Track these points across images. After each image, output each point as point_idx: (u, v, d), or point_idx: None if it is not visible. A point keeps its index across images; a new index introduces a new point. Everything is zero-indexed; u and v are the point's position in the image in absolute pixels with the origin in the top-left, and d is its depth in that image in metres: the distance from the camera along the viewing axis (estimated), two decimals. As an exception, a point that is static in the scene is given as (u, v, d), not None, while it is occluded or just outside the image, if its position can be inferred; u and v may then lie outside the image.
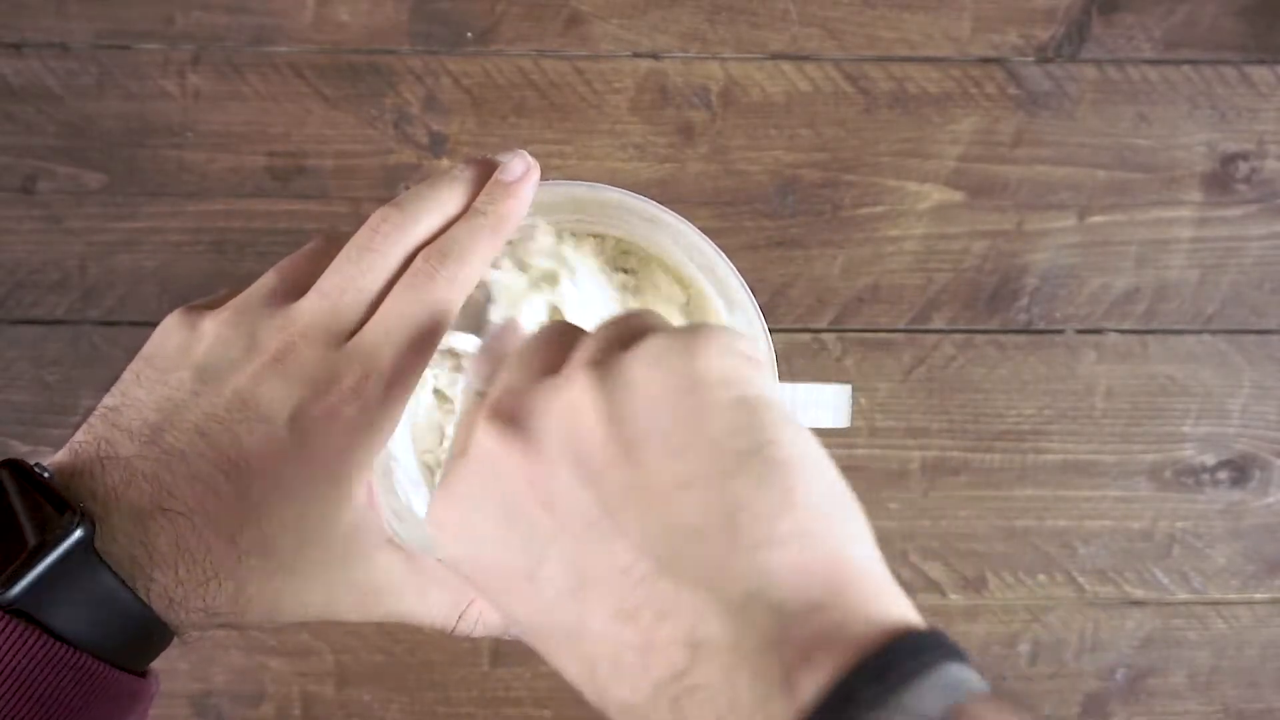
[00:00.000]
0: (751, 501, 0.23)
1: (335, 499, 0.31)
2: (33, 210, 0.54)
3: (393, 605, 0.33)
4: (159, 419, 0.30)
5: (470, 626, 0.34)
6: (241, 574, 0.30)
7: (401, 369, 0.31)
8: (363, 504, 0.32)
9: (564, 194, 0.42)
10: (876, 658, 0.20)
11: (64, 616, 0.27)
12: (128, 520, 0.28)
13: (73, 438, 0.30)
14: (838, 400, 0.41)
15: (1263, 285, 0.56)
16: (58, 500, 0.28)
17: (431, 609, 0.33)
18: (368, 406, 0.30)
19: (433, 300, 0.31)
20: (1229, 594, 0.56)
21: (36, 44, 0.55)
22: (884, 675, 0.20)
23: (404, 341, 0.31)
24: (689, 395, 0.24)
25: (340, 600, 0.32)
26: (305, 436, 0.30)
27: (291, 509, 0.30)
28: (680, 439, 0.24)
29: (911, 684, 0.20)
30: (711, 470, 0.23)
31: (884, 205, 0.56)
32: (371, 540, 0.32)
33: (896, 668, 0.20)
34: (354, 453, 0.31)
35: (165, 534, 0.29)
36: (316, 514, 0.30)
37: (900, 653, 0.20)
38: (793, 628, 0.21)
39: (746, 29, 0.56)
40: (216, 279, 0.54)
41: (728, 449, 0.24)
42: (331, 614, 0.33)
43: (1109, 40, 0.56)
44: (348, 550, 0.32)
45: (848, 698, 0.20)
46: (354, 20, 0.55)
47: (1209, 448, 0.56)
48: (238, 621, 0.31)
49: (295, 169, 0.55)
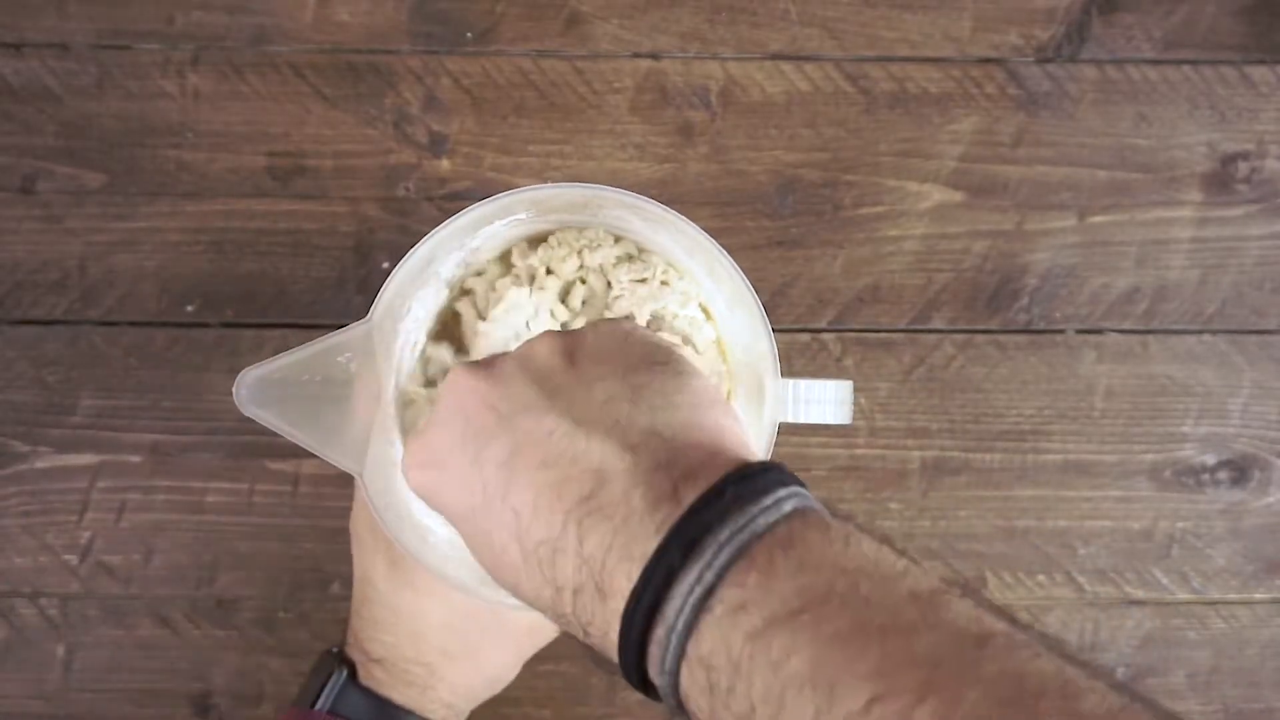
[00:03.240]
0: (653, 383, 0.30)
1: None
2: (32, 210, 0.54)
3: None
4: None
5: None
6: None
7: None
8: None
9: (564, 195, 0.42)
10: (743, 470, 0.26)
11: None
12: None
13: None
14: (840, 396, 0.41)
15: (1263, 285, 0.56)
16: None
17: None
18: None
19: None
20: (1229, 594, 0.55)
21: (36, 44, 0.55)
22: (746, 480, 0.26)
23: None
24: (622, 337, 0.32)
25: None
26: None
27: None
28: (607, 352, 0.31)
29: (769, 488, 0.26)
30: (627, 368, 0.31)
31: (884, 205, 0.56)
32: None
33: (757, 478, 0.26)
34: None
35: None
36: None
37: (760, 470, 0.27)
38: (680, 456, 0.27)
39: (746, 29, 0.56)
40: (216, 279, 0.54)
41: (642, 360, 0.31)
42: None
43: (1109, 40, 0.56)
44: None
45: (720, 493, 0.26)
46: (354, 20, 0.55)
47: (1209, 448, 0.56)
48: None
49: (295, 169, 0.55)
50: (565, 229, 0.45)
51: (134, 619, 0.54)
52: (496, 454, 0.29)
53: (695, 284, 0.45)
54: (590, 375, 0.31)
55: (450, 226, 0.40)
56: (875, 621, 0.23)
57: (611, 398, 0.29)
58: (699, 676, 0.25)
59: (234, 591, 0.54)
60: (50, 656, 0.53)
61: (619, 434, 0.28)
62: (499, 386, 0.31)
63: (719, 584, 0.24)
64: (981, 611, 0.23)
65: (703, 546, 0.25)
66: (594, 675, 0.54)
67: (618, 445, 0.28)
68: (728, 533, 0.25)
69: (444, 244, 0.42)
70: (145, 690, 0.53)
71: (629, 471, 0.27)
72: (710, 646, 0.24)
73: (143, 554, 0.54)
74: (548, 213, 0.44)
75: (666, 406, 0.29)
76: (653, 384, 0.30)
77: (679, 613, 0.25)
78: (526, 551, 0.28)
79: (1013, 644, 0.22)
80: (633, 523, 0.26)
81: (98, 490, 0.54)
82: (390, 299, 0.41)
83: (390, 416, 0.43)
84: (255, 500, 0.54)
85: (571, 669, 0.54)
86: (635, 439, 0.28)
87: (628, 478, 0.27)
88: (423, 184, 0.55)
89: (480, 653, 0.44)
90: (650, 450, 0.27)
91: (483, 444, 0.30)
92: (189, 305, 0.54)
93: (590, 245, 0.45)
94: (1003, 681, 0.21)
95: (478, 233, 0.43)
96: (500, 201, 0.41)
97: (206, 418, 0.54)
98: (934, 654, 0.22)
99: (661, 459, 0.27)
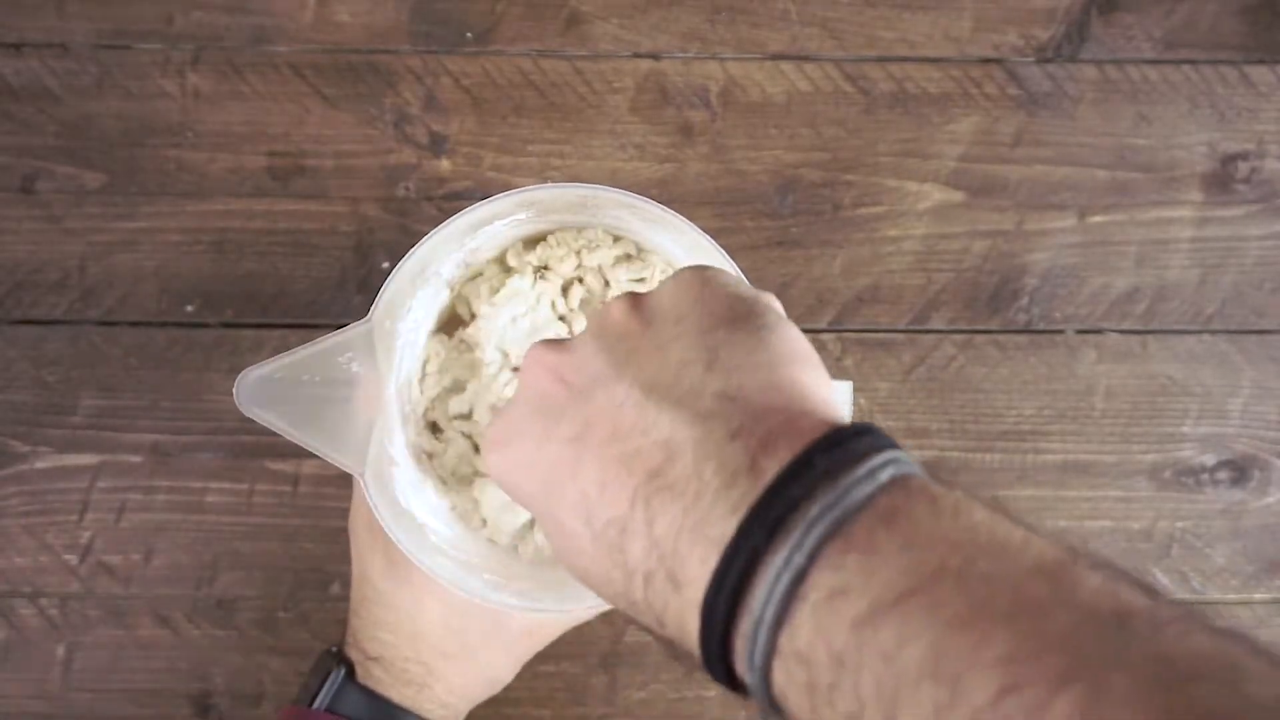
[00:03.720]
0: (731, 343, 0.27)
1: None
2: (32, 210, 0.54)
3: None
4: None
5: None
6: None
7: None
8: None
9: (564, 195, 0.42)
10: (831, 436, 0.24)
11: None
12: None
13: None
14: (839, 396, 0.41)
15: (1263, 285, 0.56)
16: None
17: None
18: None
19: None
20: (1229, 594, 0.55)
21: (36, 44, 0.55)
22: (836, 448, 0.23)
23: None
24: (698, 288, 0.30)
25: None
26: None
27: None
28: (684, 310, 0.29)
29: (863, 455, 0.23)
30: (703, 326, 0.28)
31: (884, 205, 0.56)
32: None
33: (849, 444, 0.23)
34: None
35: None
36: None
37: (851, 434, 0.24)
38: (758, 423, 0.25)
39: (746, 29, 0.56)
40: (216, 279, 0.54)
41: (720, 315, 0.28)
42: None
43: (1109, 40, 0.56)
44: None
45: (807, 464, 0.23)
46: (354, 20, 0.55)
47: (1209, 448, 0.56)
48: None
49: (295, 169, 0.55)
50: (564, 229, 0.46)
51: (134, 619, 0.54)
52: (566, 430, 0.28)
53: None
54: (665, 336, 0.28)
55: (450, 226, 0.40)
56: (998, 602, 0.20)
57: (685, 361, 0.27)
58: (796, 673, 0.22)
59: (234, 591, 0.54)
60: (50, 656, 0.53)
61: (691, 401, 0.26)
62: (570, 357, 0.29)
63: (811, 568, 0.22)
64: (1118, 585, 0.21)
65: (790, 526, 0.22)
66: (594, 675, 0.54)
67: (689, 414, 0.25)
68: (818, 509, 0.22)
69: (444, 244, 0.42)
70: (145, 690, 0.53)
71: (699, 442, 0.25)
72: (808, 639, 0.22)
73: (143, 554, 0.54)
74: (547, 213, 0.44)
75: (743, 367, 0.26)
76: (731, 341, 0.27)
77: (766, 602, 0.22)
78: (595, 533, 0.26)
79: (1157, 621, 0.20)
80: (705, 501, 0.24)
81: (98, 490, 0.54)
82: (390, 299, 0.41)
83: (391, 416, 0.43)
84: (255, 500, 0.54)
85: (571, 669, 0.54)
86: (708, 405, 0.25)
87: (698, 449, 0.25)
88: (423, 184, 0.55)
89: (478, 653, 0.44)
90: (724, 417, 0.25)
91: (553, 421, 0.28)
92: (189, 305, 0.54)
93: (589, 246, 0.45)
94: (1151, 665, 0.19)
95: (477, 233, 0.44)
96: (500, 201, 0.41)
97: (206, 418, 0.54)
98: (1069, 636, 0.19)
99: (735, 426, 0.25)
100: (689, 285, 0.30)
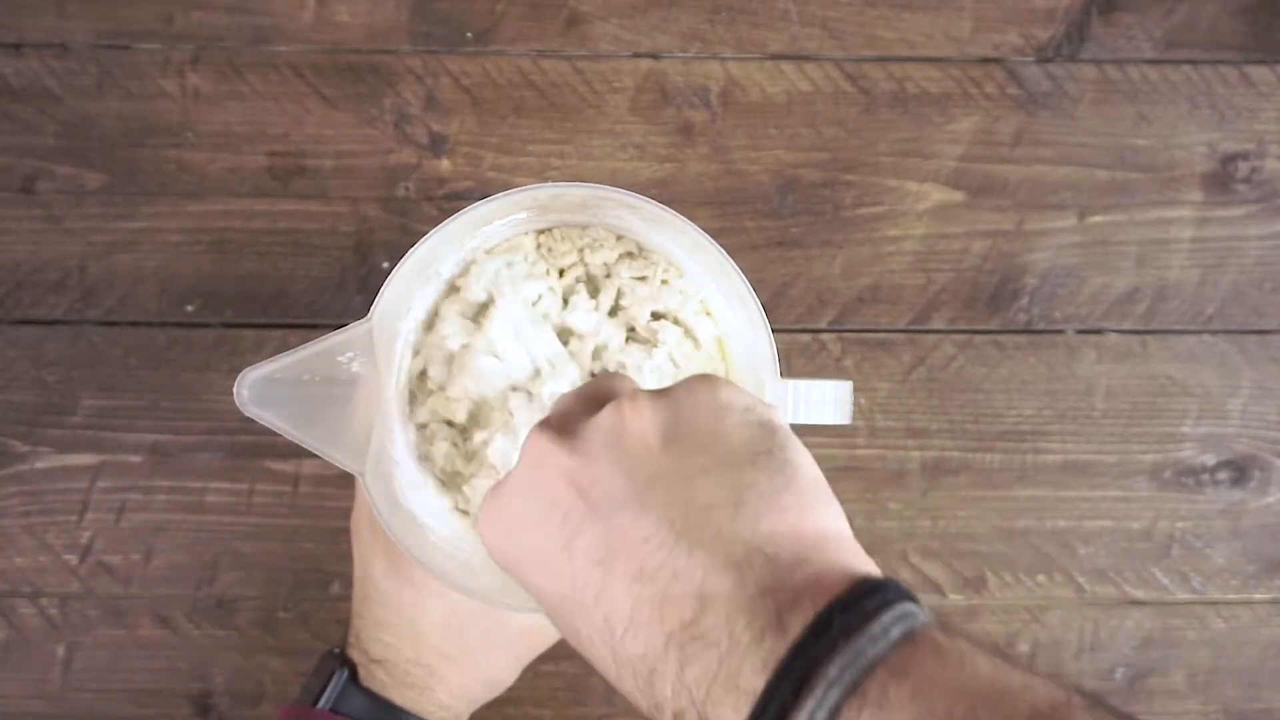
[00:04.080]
0: (758, 483, 0.29)
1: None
2: (33, 210, 0.54)
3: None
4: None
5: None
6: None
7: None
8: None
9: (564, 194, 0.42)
10: (848, 596, 0.25)
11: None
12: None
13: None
14: (840, 396, 0.41)
15: (1263, 285, 0.56)
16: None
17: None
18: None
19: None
20: (1228, 594, 0.56)
21: (36, 44, 0.55)
22: (853, 607, 0.25)
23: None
24: (718, 412, 0.30)
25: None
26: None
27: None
28: (707, 439, 0.30)
29: (875, 612, 0.25)
30: (729, 462, 0.29)
31: (884, 205, 0.56)
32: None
33: (864, 602, 0.25)
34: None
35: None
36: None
37: (866, 591, 0.26)
38: (785, 579, 0.26)
39: (746, 29, 0.56)
40: (216, 279, 0.54)
41: (744, 449, 0.29)
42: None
43: (1109, 40, 0.56)
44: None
45: (827, 623, 0.25)
46: (354, 20, 0.55)
47: (1209, 448, 0.56)
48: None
49: (295, 169, 0.55)
50: (566, 228, 0.46)
51: (134, 619, 0.54)
52: (588, 549, 0.29)
53: (695, 283, 0.45)
54: (689, 468, 0.29)
55: (450, 226, 0.40)
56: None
57: (713, 503, 0.28)
58: None
59: (234, 591, 0.54)
60: (50, 656, 0.53)
61: (722, 549, 0.27)
62: (587, 467, 0.30)
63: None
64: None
65: (813, 684, 0.24)
66: (594, 675, 0.54)
67: (720, 561, 0.27)
68: (837, 669, 0.24)
69: (444, 243, 0.42)
70: (145, 690, 0.53)
71: (731, 597, 0.26)
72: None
73: (143, 554, 0.54)
74: (548, 212, 0.44)
75: (771, 512, 0.28)
76: (757, 484, 0.29)
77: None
78: (620, 660, 0.28)
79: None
80: (737, 654, 0.26)
81: (98, 490, 0.54)
82: (390, 298, 0.41)
83: (391, 416, 0.43)
84: (255, 500, 0.54)
85: (571, 669, 0.54)
86: (738, 555, 0.27)
87: (731, 604, 0.26)
88: (423, 184, 0.55)
89: (479, 655, 0.44)
90: (754, 570, 0.27)
91: (572, 532, 0.29)
92: (189, 305, 0.54)
93: (591, 245, 0.45)
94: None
95: (478, 233, 0.44)
96: (500, 201, 0.41)
97: (206, 418, 0.54)
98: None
99: (766, 583, 0.26)
100: (705, 406, 0.31)
